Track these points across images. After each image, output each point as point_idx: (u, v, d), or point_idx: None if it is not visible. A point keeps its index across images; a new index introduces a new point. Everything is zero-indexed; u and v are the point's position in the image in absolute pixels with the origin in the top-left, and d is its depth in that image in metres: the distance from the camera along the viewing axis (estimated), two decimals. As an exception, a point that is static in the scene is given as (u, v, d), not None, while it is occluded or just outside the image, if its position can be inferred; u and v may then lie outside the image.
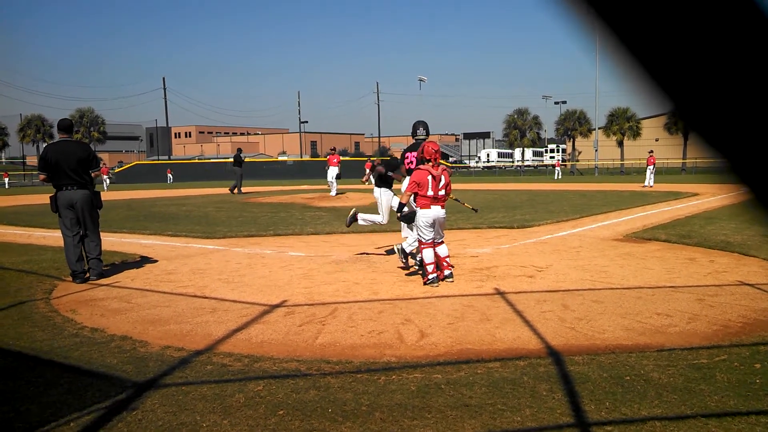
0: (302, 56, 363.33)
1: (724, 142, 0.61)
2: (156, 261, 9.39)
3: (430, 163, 7.11)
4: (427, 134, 8.39)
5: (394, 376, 4.22)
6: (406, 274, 7.89)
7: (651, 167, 30.58)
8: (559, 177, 48.69)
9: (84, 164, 7.76)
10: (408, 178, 7.99)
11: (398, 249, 8.28)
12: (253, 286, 7.40)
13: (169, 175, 51.40)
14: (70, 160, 7.67)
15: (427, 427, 3.39)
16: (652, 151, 31.75)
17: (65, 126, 7.99)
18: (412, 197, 7.23)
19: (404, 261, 8.28)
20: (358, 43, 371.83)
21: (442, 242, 7.37)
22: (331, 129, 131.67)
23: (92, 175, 7.92)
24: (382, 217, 9.01)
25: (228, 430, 3.43)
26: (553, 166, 54.26)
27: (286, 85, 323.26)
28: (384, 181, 8.98)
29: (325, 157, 29.51)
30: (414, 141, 8.36)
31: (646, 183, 30.13)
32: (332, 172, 24.35)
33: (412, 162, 8.09)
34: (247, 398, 3.87)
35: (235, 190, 28.36)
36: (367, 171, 42.13)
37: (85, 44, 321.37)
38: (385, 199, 8.99)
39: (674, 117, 0.62)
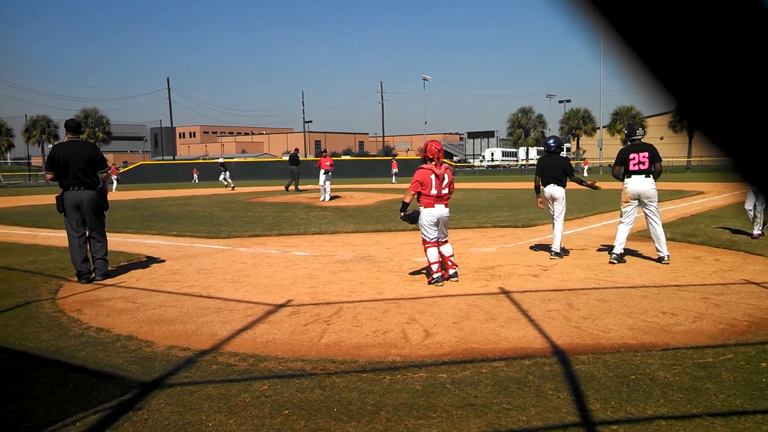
0: (306, 56, 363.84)
1: (729, 141, 0.61)
2: (161, 261, 9.41)
3: (433, 162, 7.11)
4: (644, 134, 8.56)
5: (399, 376, 4.22)
6: (411, 273, 7.90)
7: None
8: (585, 175, 48.54)
9: (92, 164, 7.79)
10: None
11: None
12: (258, 285, 7.41)
13: (195, 175, 51.18)
14: (78, 161, 7.67)
15: (432, 427, 3.39)
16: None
17: (73, 126, 7.99)
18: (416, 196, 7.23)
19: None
20: (361, 42, 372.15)
21: (446, 241, 7.37)
22: (335, 128, 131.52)
23: (102, 176, 7.94)
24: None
25: (233, 429, 3.44)
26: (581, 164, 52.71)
27: (290, 85, 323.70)
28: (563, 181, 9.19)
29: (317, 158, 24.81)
30: (630, 142, 8.48)
31: None
32: (324, 176, 21.60)
33: (643, 162, 8.27)
34: (253, 398, 3.88)
35: (291, 187, 27.98)
36: (394, 171, 40.76)
37: (90, 45, 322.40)
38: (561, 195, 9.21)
39: (679, 115, 0.62)
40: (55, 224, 14.12)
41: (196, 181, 49.98)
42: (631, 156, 8.37)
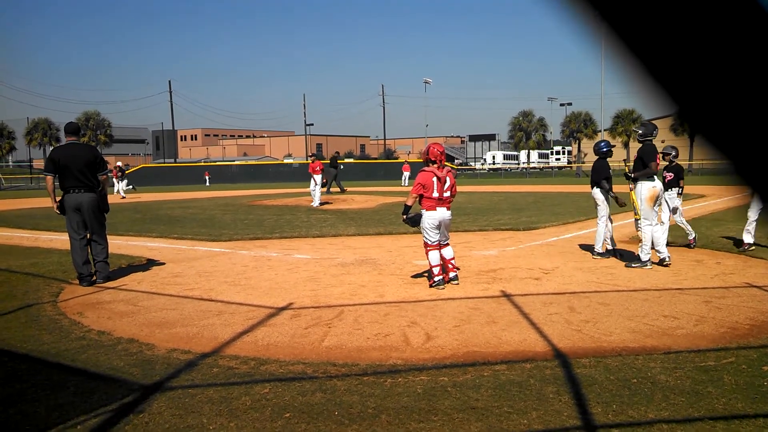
0: (307, 59, 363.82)
1: (729, 144, 0.61)
2: (162, 264, 9.41)
3: (436, 165, 7.10)
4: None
5: (400, 379, 4.22)
6: (412, 276, 7.89)
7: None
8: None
9: (92, 167, 7.81)
10: None
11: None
12: (259, 288, 7.41)
13: (207, 177, 51.10)
14: (77, 163, 7.70)
15: (433, 430, 3.39)
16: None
17: (72, 129, 8.04)
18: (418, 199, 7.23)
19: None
20: (363, 45, 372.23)
21: (448, 244, 7.35)
22: (336, 131, 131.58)
23: (101, 178, 7.97)
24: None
25: (234, 432, 3.43)
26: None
27: (291, 88, 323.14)
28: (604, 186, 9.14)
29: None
30: (644, 142, 8.43)
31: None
32: (316, 180, 21.02)
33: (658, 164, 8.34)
34: (254, 401, 3.88)
35: (335, 189, 28.25)
36: (406, 174, 40.61)
37: (91, 47, 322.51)
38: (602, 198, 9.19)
39: (680, 119, 0.62)
40: (56, 227, 14.13)
41: (208, 183, 49.89)
42: (658, 156, 8.39)
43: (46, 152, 67.20)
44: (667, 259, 8.33)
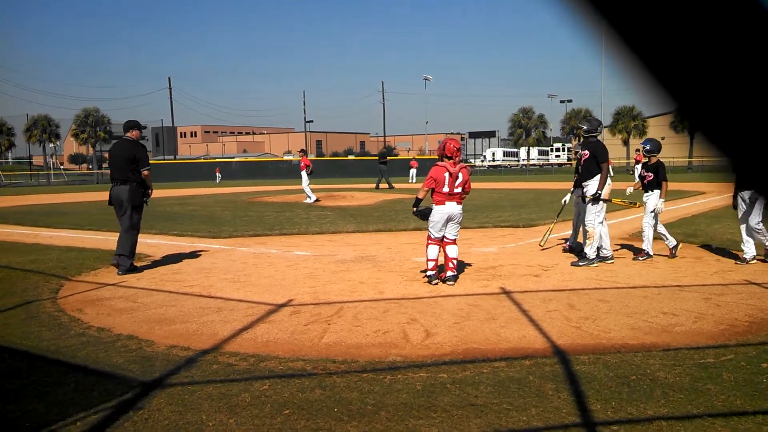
0: (307, 56, 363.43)
1: (729, 142, 0.61)
2: (162, 260, 9.41)
3: (451, 160, 7.07)
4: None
5: (399, 376, 4.22)
6: (411, 273, 7.89)
7: (640, 165, 29.52)
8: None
9: (130, 163, 8.28)
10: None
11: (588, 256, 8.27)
12: (259, 285, 7.41)
13: (218, 174, 50.84)
14: (116, 159, 8.38)
15: (432, 427, 3.39)
16: (639, 150, 30.99)
17: (124, 127, 8.70)
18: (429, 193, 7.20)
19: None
20: (362, 42, 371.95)
21: (454, 242, 7.28)
22: (336, 128, 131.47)
23: (143, 173, 8.38)
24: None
25: (234, 429, 3.44)
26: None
27: (291, 85, 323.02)
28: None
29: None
30: (591, 138, 8.52)
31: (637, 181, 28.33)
32: (304, 177, 21.14)
33: None
34: (253, 397, 3.88)
35: (383, 185, 29.14)
36: (412, 171, 40.83)
37: (91, 44, 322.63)
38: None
39: (679, 116, 0.62)
40: (56, 224, 14.12)
41: (219, 180, 49.63)
42: (585, 153, 8.39)
43: (46, 149, 67.21)
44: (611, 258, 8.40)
